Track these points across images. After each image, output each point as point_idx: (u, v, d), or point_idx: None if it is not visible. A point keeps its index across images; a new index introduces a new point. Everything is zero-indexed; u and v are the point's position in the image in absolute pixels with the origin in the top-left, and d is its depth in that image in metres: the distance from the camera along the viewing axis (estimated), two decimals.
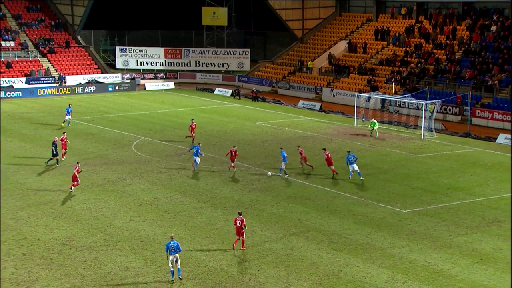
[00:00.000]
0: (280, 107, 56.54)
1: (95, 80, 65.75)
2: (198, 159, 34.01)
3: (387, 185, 31.91)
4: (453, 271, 21.78)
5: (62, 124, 45.44)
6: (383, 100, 51.63)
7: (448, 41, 56.75)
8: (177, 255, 20.97)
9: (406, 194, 30.34)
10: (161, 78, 70.20)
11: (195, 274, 21.68)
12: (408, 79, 54.44)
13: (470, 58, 53.31)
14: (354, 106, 48.62)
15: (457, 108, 49.14)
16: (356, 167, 32.14)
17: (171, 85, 67.69)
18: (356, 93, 50.38)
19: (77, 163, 31.07)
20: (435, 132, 43.74)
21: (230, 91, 62.81)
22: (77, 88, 63.00)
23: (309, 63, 65.39)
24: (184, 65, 72.59)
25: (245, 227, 23.59)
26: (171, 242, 21.05)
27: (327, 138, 42.91)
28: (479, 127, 46.43)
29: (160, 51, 72.45)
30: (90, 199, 29.52)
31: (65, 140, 36.14)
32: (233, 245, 23.60)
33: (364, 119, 47.94)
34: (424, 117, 43.74)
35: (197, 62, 72.64)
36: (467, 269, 21.97)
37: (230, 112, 53.27)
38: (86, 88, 63.49)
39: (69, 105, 47.26)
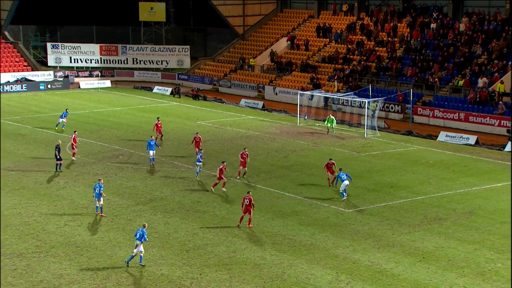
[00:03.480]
0: (221, 105, 56.51)
1: (25, 78, 63.93)
2: (152, 152, 34.88)
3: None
4: (396, 270, 22.32)
5: (56, 128, 43.95)
6: (326, 98, 52.40)
7: (389, 39, 58.11)
8: (141, 242, 22.30)
9: (350, 193, 30.86)
10: (97, 76, 68.98)
11: (135, 279, 21.41)
12: (350, 76, 55.44)
13: (411, 56, 54.77)
14: (297, 104, 49.13)
15: (399, 106, 50.40)
16: (347, 183, 29.70)
17: (107, 83, 66.68)
18: (299, 91, 50.95)
19: (223, 162, 31.07)
20: (378, 130, 44.74)
21: (170, 89, 62.37)
22: (6, 87, 61.06)
23: (250, 60, 65.64)
24: (121, 63, 71.54)
25: (253, 206, 25.84)
26: (139, 230, 22.59)
27: (270, 137, 43.19)
28: (421, 125, 47.77)
29: (95, 47, 71.15)
30: (20, 203, 28.67)
31: (73, 139, 36.03)
32: (238, 224, 25.92)
33: (306, 118, 48.53)
34: (367, 115, 44.64)
35: (135, 59, 71.73)
36: (409, 268, 22.56)
37: (170, 111, 52.85)
38: (15, 86, 61.61)
39: (66, 109, 45.64)
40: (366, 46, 58.91)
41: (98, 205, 27.48)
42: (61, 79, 65.84)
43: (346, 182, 29.60)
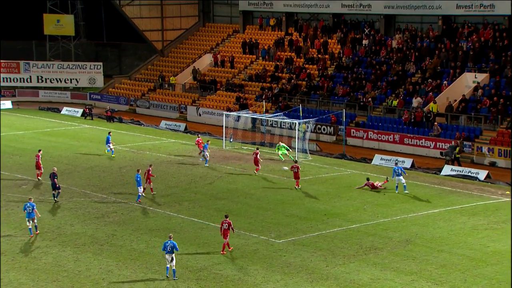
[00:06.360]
0: (139, 128, 56.05)
1: None
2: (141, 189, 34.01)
3: (260, 213, 32.62)
4: None
5: (106, 153, 44.24)
6: (254, 119, 52.90)
7: (320, 55, 59.47)
8: (173, 255, 24.08)
9: (281, 222, 31.19)
10: None
11: None
12: (279, 96, 56.27)
13: (343, 74, 56.21)
14: (223, 126, 49.35)
15: (332, 128, 51.51)
16: (403, 179, 35.81)
17: (7, 104, 65.21)
18: (225, 112, 51.23)
19: (295, 162, 35.00)
20: (310, 153, 45.48)
21: (81, 110, 61.42)
22: None
23: (171, 78, 65.57)
24: (24, 81, 69.91)
25: (233, 230, 27.02)
26: (168, 242, 24.28)
27: (194, 162, 43.12)
28: (354, 147, 48.93)
29: None
30: None
31: (40, 158, 36.70)
32: (223, 250, 26.74)
33: (232, 140, 48.82)
34: (298, 138, 45.32)
35: (40, 77, 70.23)
36: None
37: (81, 135, 51.95)
38: None
39: (109, 133, 44.99)
40: (296, 63, 60.06)
41: (31, 227, 28.38)
42: None
43: (400, 177, 35.61)
